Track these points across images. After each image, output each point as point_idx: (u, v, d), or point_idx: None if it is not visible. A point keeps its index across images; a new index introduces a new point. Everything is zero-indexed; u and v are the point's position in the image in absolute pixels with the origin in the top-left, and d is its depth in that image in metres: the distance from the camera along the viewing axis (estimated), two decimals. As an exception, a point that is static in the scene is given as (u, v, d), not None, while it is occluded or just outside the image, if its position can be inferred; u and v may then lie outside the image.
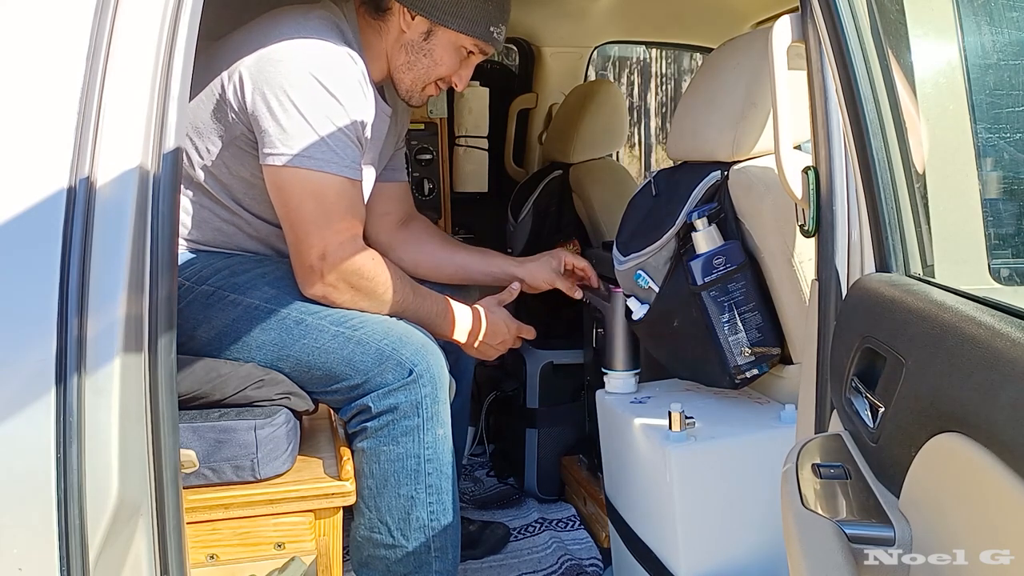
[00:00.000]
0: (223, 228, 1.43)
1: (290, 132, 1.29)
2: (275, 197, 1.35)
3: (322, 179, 1.31)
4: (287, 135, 1.29)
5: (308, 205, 1.32)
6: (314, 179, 1.31)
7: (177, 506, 0.91)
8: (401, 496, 1.32)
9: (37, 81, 0.86)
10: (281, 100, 1.29)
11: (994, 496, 0.59)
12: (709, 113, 1.42)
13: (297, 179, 1.31)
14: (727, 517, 1.32)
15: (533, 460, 2.09)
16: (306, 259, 1.33)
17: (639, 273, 1.46)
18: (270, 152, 1.31)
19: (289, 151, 1.29)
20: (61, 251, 0.82)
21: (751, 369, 1.37)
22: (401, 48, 1.46)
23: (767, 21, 2.28)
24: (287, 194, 1.33)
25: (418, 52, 1.46)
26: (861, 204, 0.96)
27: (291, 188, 1.32)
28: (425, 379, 1.31)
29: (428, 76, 1.48)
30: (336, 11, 1.45)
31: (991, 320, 0.65)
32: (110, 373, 0.84)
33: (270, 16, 1.40)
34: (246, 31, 1.39)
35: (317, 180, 1.31)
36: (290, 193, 1.32)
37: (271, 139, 1.30)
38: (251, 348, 1.32)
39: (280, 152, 1.30)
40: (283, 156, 1.30)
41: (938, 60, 0.99)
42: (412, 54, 1.46)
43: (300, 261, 1.34)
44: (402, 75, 1.48)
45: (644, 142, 8.10)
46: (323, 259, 1.32)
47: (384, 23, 1.45)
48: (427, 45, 1.45)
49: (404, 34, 1.44)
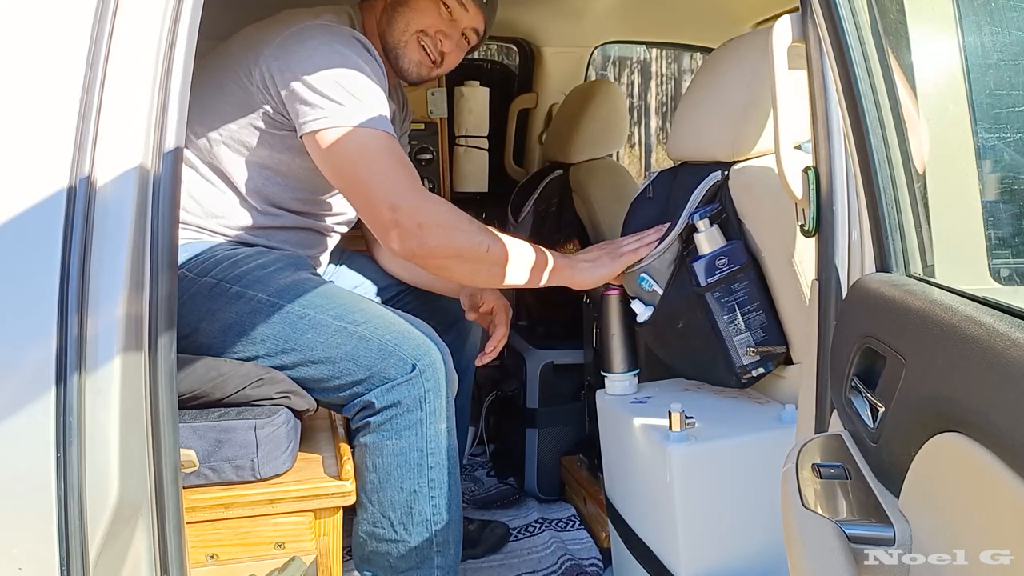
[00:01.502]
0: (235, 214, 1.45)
1: (329, 96, 1.30)
2: (325, 164, 1.34)
3: (367, 135, 1.31)
4: (326, 99, 1.30)
5: (363, 163, 1.32)
6: (363, 136, 1.31)
7: (177, 506, 0.91)
8: (404, 490, 1.32)
9: (37, 80, 0.86)
10: (312, 74, 1.31)
11: (994, 496, 0.59)
12: (709, 113, 1.42)
13: (344, 139, 1.31)
14: (727, 517, 1.32)
15: (533, 460, 2.09)
16: (380, 216, 1.31)
17: (643, 276, 1.47)
18: (310, 119, 1.31)
19: (330, 115, 1.30)
20: (61, 250, 0.82)
21: (757, 368, 1.37)
22: (384, 12, 1.51)
23: (767, 21, 2.28)
24: (337, 156, 1.32)
25: (398, 7, 1.50)
26: (861, 204, 0.95)
27: (339, 149, 1.31)
28: (428, 374, 1.31)
29: (407, 27, 1.50)
30: (344, 11, 1.49)
31: (991, 320, 0.65)
32: (110, 372, 0.84)
33: (283, 15, 1.44)
34: (263, 28, 1.43)
35: (365, 137, 1.31)
36: (340, 155, 1.32)
37: (309, 108, 1.31)
38: (255, 342, 1.32)
39: (319, 116, 1.30)
40: (323, 120, 1.30)
41: (938, 60, 0.99)
42: (392, 11, 1.51)
43: (375, 221, 1.32)
44: (388, 37, 1.52)
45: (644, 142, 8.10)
46: (394, 210, 1.29)
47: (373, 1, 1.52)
48: None
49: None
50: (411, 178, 1.34)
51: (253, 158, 1.42)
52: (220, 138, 1.41)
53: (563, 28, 2.63)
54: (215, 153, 1.41)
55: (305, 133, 1.32)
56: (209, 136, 1.41)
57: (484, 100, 2.67)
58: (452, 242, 1.33)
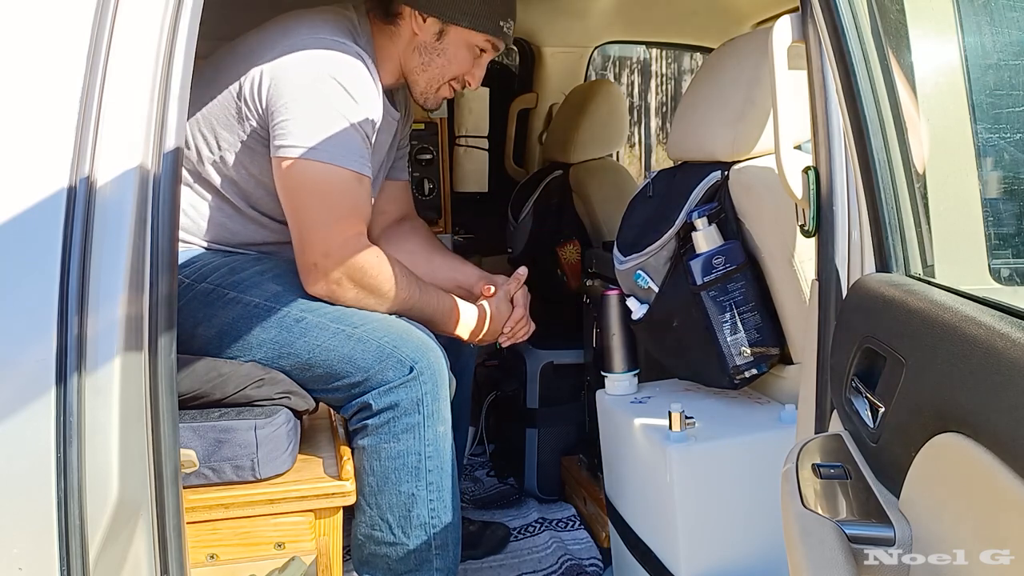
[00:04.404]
0: (229, 225, 1.43)
1: (303, 125, 1.30)
2: (282, 191, 1.35)
3: (330, 173, 1.32)
4: (300, 128, 1.30)
5: (314, 201, 1.33)
6: (322, 173, 1.32)
7: (177, 506, 0.91)
8: (402, 493, 1.32)
9: (38, 81, 0.86)
10: (297, 97, 1.31)
11: (994, 496, 0.59)
12: (709, 113, 1.42)
13: (306, 172, 1.32)
14: (727, 517, 1.32)
15: (533, 460, 2.09)
16: (309, 256, 1.33)
17: (639, 273, 1.46)
18: (282, 144, 1.31)
19: (300, 144, 1.30)
20: (61, 251, 0.82)
21: (750, 369, 1.37)
22: (414, 51, 1.48)
23: (767, 21, 2.28)
24: (294, 188, 1.33)
25: (431, 53, 1.47)
26: (861, 204, 0.96)
27: (299, 181, 1.32)
28: (426, 376, 1.31)
29: (443, 76, 1.50)
30: (348, 16, 1.46)
31: (991, 320, 0.65)
32: (110, 372, 0.84)
33: (286, 18, 1.42)
34: (263, 32, 1.41)
35: (325, 174, 1.32)
36: (297, 187, 1.33)
37: (284, 132, 1.31)
38: (252, 346, 1.33)
39: (291, 144, 1.31)
40: (294, 148, 1.31)
41: (938, 60, 0.99)
42: (426, 55, 1.48)
43: (304, 259, 1.34)
44: (417, 77, 1.50)
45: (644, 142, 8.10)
46: (326, 256, 1.32)
47: (395, 27, 1.47)
48: (440, 45, 1.47)
49: (417, 36, 1.46)
50: (354, 227, 1.36)
51: (242, 168, 1.40)
52: (210, 147, 1.39)
53: (563, 28, 2.63)
54: (203, 161, 1.40)
55: (274, 155, 1.33)
56: (198, 145, 1.39)
57: (484, 100, 2.67)
58: (361, 303, 1.37)
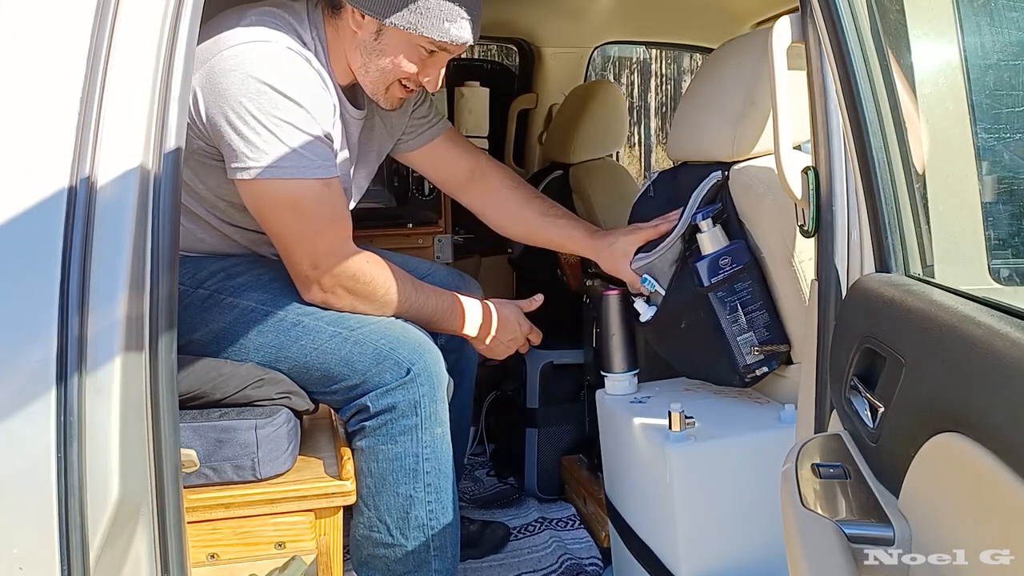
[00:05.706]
0: (205, 239, 1.41)
1: (255, 144, 1.24)
2: (253, 212, 1.31)
3: (296, 186, 1.27)
4: (252, 147, 1.24)
5: (287, 217, 1.29)
6: (288, 188, 1.27)
7: (177, 505, 0.91)
8: (400, 495, 1.32)
9: (38, 82, 0.86)
10: (239, 112, 1.23)
11: (994, 496, 0.59)
12: (709, 113, 1.42)
13: (271, 191, 1.27)
14: (727, 517, 1.32)
15: (533, 460, 2.09)
16: (299, 270, 1.32)
17: (645, 277, 1.47)
18: (238, 167, 1.25)
19: (257, 163, 1.24)
20: (62, 251, 0.82)
21: (760, 367, 1.37)
22: (356, 49, 1.37)
23: (767, 21, 2.28)
24: (264, 208, 1.29)
25: (371, 53, 1.36)
26: (861, 204, 0.96)
27: (266, 201, 1.28)
28: (423, 378, 1.31)
29: (387, 77, 1.38)
30: (295, 7, 1.37)
31: (991, 320, 0.65)
32: (111, 372, 0.84)
33: (223, 17, 1.33)
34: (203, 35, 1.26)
35: (291, 188, 1.27)
36: (267, 206, 1.29)
37: (236, 154, 1.25)
38: (249, 350, 1.32)
39: (248, 166, 1.25)
40: (252, 169, 1.25)
41: (938, 60, 1.00)
42: (366, 55, 1.36)
43: (294, 272, 1.33)
44: (362, 77, 1.40)
45: (644, 142, 8.10)
46: (315, 268, 1.31)
47: (340, 21, 1.37)
48: (379, 45, 1.35)
49: (356, 34, 1.35)
50: (336, 233, 1.33)
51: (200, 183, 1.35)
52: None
53: (563, 28, 2.63)
54: None
55: (232, 178, 1.28)
56: None
57: (484, 100, 2.67)
58: (356, 309, 1.36)
